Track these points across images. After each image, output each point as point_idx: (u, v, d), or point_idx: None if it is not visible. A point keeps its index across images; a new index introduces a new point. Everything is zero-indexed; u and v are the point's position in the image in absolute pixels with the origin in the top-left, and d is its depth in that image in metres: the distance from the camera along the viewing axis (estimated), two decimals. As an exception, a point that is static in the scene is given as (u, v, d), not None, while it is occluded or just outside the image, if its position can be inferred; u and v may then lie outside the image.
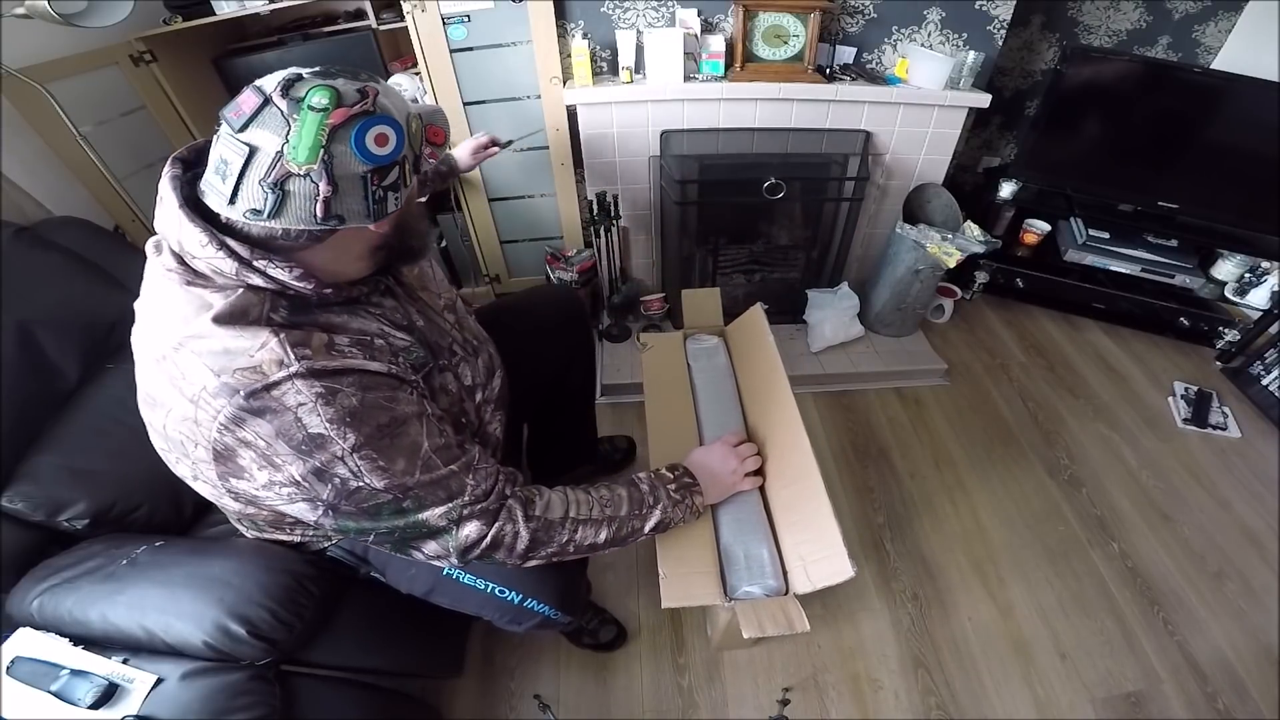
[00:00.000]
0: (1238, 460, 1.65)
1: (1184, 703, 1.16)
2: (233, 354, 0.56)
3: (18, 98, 1.28)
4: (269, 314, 0.58)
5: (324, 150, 0.53)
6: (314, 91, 0.53)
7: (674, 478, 0.86)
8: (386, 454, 0.60)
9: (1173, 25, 2.05)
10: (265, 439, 0.57)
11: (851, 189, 1.74)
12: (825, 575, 0.81)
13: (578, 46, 1.52)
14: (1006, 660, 1.22)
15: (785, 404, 0.98)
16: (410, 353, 0.69)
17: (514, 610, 0.84)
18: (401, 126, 0.57)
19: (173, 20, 1.54)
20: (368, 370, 0.61)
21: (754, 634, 0.80)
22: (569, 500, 0.75)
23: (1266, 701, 1.16)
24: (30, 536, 0.89)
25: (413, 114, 0.60)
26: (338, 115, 0.53)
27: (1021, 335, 2.10)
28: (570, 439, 1.34)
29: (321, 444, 0.57)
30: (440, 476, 0.64)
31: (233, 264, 0.56)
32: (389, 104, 0.57)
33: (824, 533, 0.83)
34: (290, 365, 0.56)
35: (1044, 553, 1.41)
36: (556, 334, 1.09)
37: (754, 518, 0.93)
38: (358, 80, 0.56)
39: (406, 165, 0.59)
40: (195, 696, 0.72)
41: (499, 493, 0.69)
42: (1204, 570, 1.38)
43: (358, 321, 0.65)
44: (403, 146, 0.57)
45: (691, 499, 0.86)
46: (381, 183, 0.57)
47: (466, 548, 0.67)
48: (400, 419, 0.62)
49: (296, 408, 0.56)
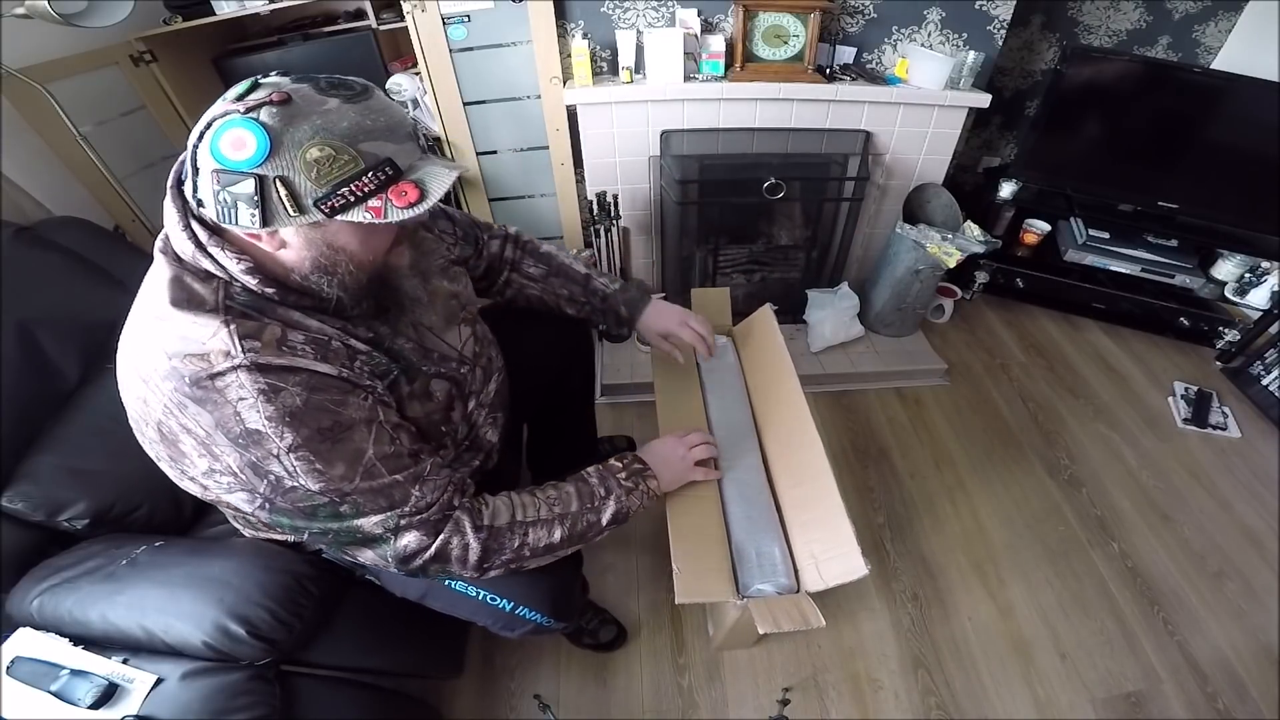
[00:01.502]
0: (1238, 460, 1.65)
1: (1184, 703, 1.16)
2: (186, 339, 0.56)
3: (18, 98, 1.28)
4: (225, 301, 0.58)
5: (200, 139, 0.54)
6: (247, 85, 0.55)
7: (623, 466, 0.85)
8: (325, 457, 0.60)
9: (1173, 25, 2.05)
10: (205, 429, 0.57)
11: (851, 189, 1.74)
12: (838, 573, 0.81)
13: (578, 46, 1.52)
14: (1006, 660, 1.22)
15: (797, 404, 0.98)
16: (371, 358, 0.67)
17: (506, 617, 0.83)
18: (271, 143, 0.51)
19: (173, 20, 1.54)
20: (316, 371, 0.60)
21: (769, 629, 0.79)
22: (514, 504, 0.74)
23: (1266, 701, 1.16)
24: (30, 536, 0.89)
25: (361, 150, 0.54)
26: (221, 105, 0.54)
27: (1021, 335, 2.10)
28: (570, 439, 1.34)
29: (258, 440, 0.57)
30: (383, 485, 0.63)
31: (191, 246, 0.58)
32: (295, 119, 0.52)
33: (837, 531, 0.83)
34: (236, 357, 0.56)
35: (1044, 553, 1.41)
36: (556, 334, 1.09)
37: (766, 516, 0.94)
38: (306, 83, 0.55)
39: (276, 189, 0.53)
40: (195, 696, 0.72)
41: (443, 504, 0.68)
42: (1204, 570, 1.38)
43: (317, 321, 0.64)
44: (264, 162, 0.52)
45: (645, 484, 0.84)
46: (227, 187, 0.53)
47: (405, 558, 0.66)
48: (345, 424, 0.61)
49: (237, 402, 0.56)
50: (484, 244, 1.00)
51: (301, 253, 0.60)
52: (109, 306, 1.10)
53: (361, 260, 0.63)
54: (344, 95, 0.55)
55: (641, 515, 0.85)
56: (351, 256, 0.62)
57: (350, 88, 0.56)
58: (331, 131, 0.53)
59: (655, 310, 1.05)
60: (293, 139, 0.52)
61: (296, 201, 0.54)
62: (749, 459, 1.02)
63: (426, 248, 0.85)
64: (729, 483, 0.99)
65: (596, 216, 1.74)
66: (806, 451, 0.94)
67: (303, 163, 0.53)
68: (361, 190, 0.55)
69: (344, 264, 0.62)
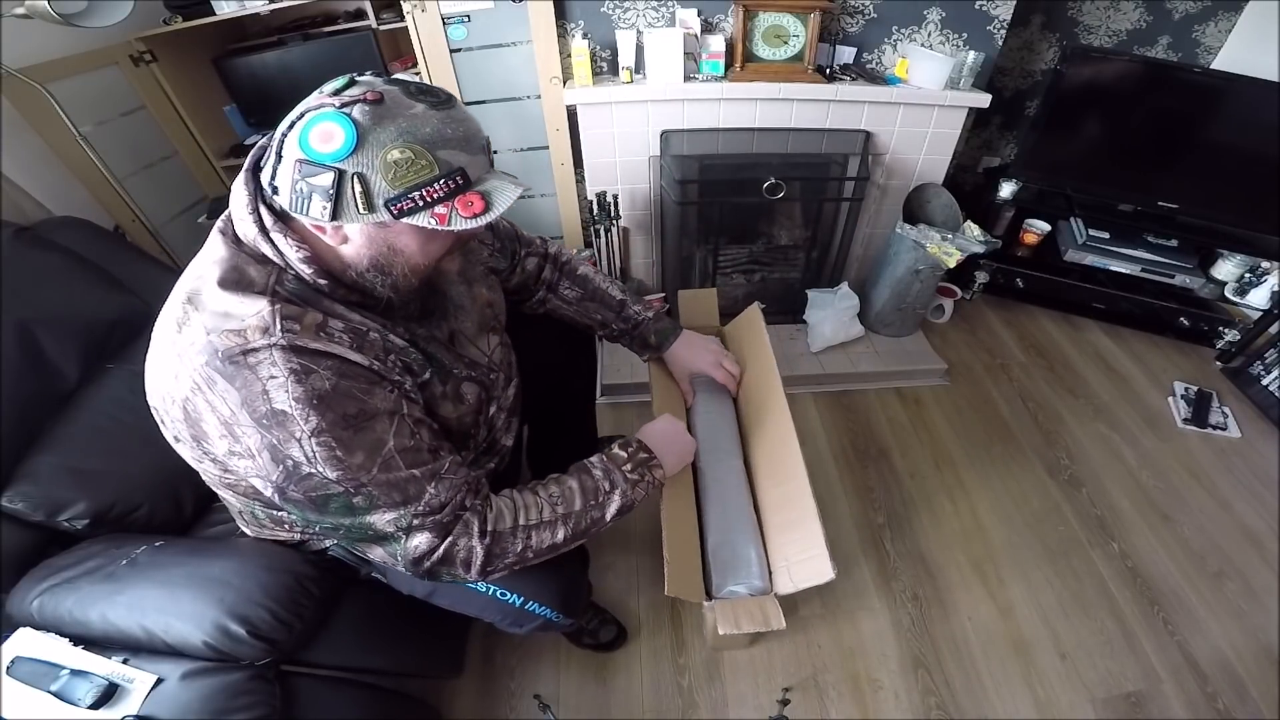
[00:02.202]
0: (1238, 460, 1.65)
1: (1184, 703, 1.16)
2: (228, 316, 0.57)
3: (18, 98, 1.28)
4: (274, 286, 0.60)
5: (290, 128, 0.55)
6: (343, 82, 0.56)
7: (628, 455, 0.83)
8: (346, 444, 0.60)
9: (1173, 25, 2.05)
10: (231, 406, 0.57)
11: (851, 189, 1.74)
12: (807, 576, 0.81)
13: (578, 46, 1.52)
14: (1006, 660, 1.22)
15: (778, 405, 0.99)
16: (406, 354, 0.68)
17: (515, 612, 0.84)
18: (358, 139, 0.53)
19: (173, 20, 1.54)
20: (348, 359, 0.61)
21: (729, 630, 0.80)
22: (517, 506, 0.73)
23: (1266, 701, 1.16)
24: (30, 536, 0.89)
25: (438, 157, 0.56)
26: (316, 99, 0.55)
27: (1021, 335, 2.10)
28: (571, 440, 1.34)
29: (282, 421, 0.57)
30: (399, 479, 0.63)
31: (254, 230, 0.59)
32: (383, 119, 0.54)
33: (809, 534, 0.83)
34: (274, 335, 0.57)
35: (1044, 553, 1.41)
36: (558, 335, 1.09)
37: (744, 517, 0.94)
38: (396, 86, 0.57)
39: (352, 185, 0.54)
40: (195, 696, 0.72)
41: (456, 504, 0.67)
42: (1204, 570, 1.38)
43: (359, 315, 0.65)
44: (347, 158, 0.53)
45: (651, 474, 0.83)
46: (307, 178, 0.54)
47: (416, 559, 0.66)
48: (369, 413, 0.62)
49: (267, 380, 0.56)
50: (520, 260, 1.00)
51: (361, 250, 0.61)
52: (109, 306, 1.10)
53: (417, 264, 0.65)
54: (430, 101, 0.57)
55: (643, 515, 0.85)
56: (408, 259, 0.64)
57: (436, 95, 0.58)
58: (415, 135, 0.55)
59: (687, 343, 1.05)
60: (378, 138, 0.54)
61: (369, 199, 0.55)
62: (730, 461, 1.03)
63: (473, 254, 0.87)
64: (708, 484, 0.99)
65: (596, 216, 1.74)
66: (784, 449, 0.94)
67: (383, 162, 0.54)
68: (431, 196, 0.56)
69: (400, 265, 0.64)
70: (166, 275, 0.99)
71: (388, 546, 0.66)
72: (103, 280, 1.13)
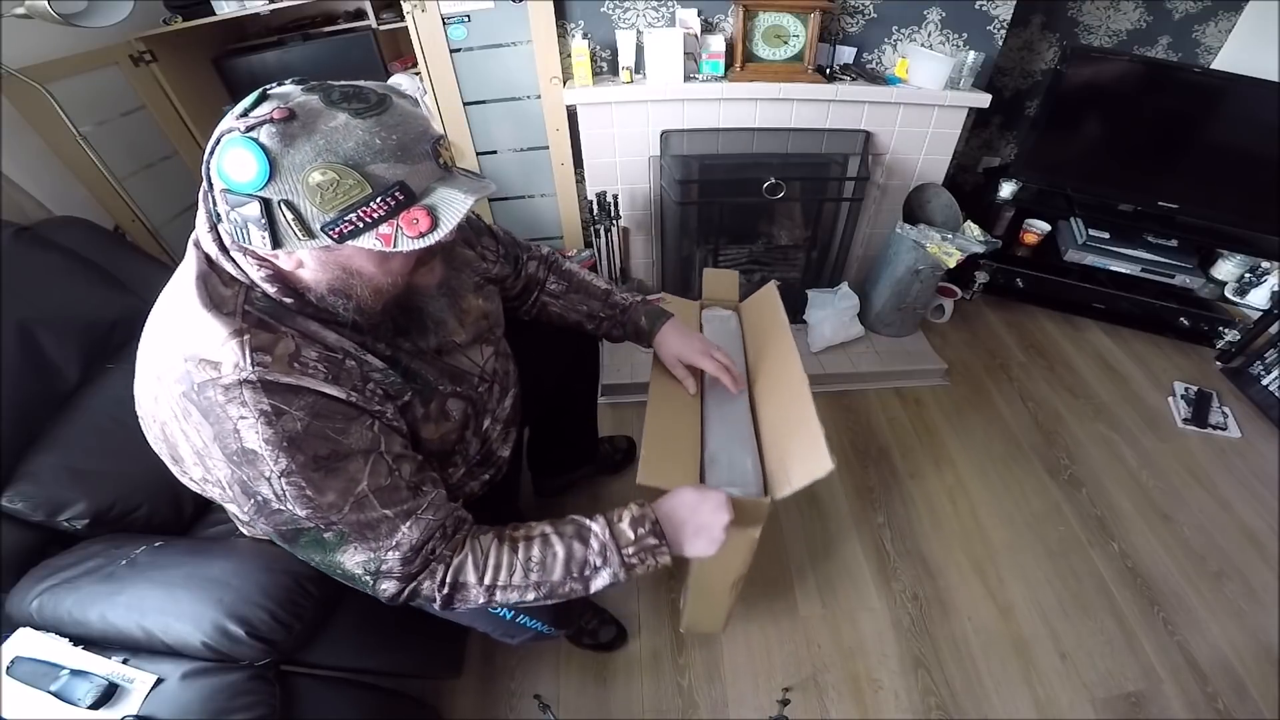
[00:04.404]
0: (1238, 460, 1.65)
1: (1184, 703, 1.16)
2: (202, 343, 0.56)
3: (18, 98, 1.28)
4: (244, 306, 0.57)
5: (211, 155, 0.52)
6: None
7: (634, 539, 0.71)
8: (316, 485, 0.58)
9: (1173, 25, 2.06)
10: (204, 439, 0.57)
11: (851, 189, 1.74)
12: (806, 473, 0.78)
13: (578, 46, 1.52)
14: (1006, 660, 1.21)
15: (790, 358, 0.96)
16: (386, 377, 0.65)
17: (506, 625, 0.83)
18: (270, 165, 0.49)
19: (173, 20, 1.54)
20: (324, 394, 0.58)
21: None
22: (488, 564, 0.67)
23: (1266, 701, 1.16)
24: (30, 536, 0.89)
25: (369, 173, 0.50)
26: (227, 120, 0.51)
27: (1021, 335, 2.10)
28: (571, 440, 1.34)
29: (252, 460, 0.56)
30: (372, 519, 0.61)
31: (216, 249, 0.58)
32: (295, 139, 0.49)
33: (807, 431, 0.81)
34: (244, 370, 0.54)
35: (1044, 553, 1.41)
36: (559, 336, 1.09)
37: (744, 432, 0.93)
38: (317, 94, 0.51)
39: (282, 212, 0.50)
40: (195, 696, 0.72)
41: (427, 552, 0.64)
42: (1204, 570, 1.38)
43: (335, 334, 0.62)
44: (265, 186, 0.49)
45: (655, 558, 0.72)
46: (236, 208, 0.51)
47: (389, 599, 0.66)
48: (343, 453, 0.59)
49: (237, 420, 0.55)
50: (523, 264, 0.98)
51: (318, 274, 0.58)
52: (109, 306, 1.10)
53: (380, 284, 0.60)
54: (355, 109, 0.51)
55: None
56: (368, 280, 0.59)
57: (364, 99, 0.52)
58: (335, 153, 0.49)
59: (674, 330, 1.01)
60: (293, 161, 0.49)
61: (305, 225, 0.51)
62: (738, 400, 1.01)
63: (461, 264, 0.83)
64: (712, 408, 0.98)
65: (596, 216, 1.74)
66: (789, 376, 0.93)
67: (305, 187, 0.49)
68: (371, 216, 0.51)
69: (359, 287, 0.60)
70: (166, 275, 0.98)
71: (357, 584, 0.65)
72: (103, 280, 1.13)
